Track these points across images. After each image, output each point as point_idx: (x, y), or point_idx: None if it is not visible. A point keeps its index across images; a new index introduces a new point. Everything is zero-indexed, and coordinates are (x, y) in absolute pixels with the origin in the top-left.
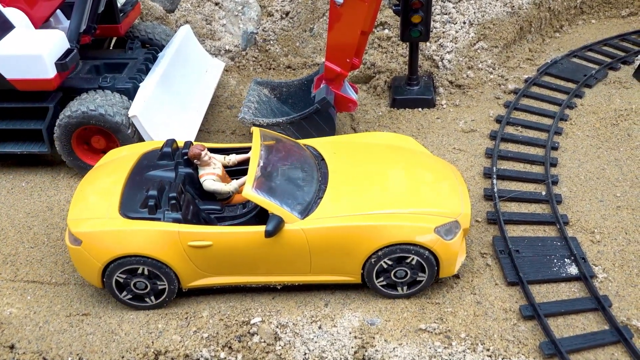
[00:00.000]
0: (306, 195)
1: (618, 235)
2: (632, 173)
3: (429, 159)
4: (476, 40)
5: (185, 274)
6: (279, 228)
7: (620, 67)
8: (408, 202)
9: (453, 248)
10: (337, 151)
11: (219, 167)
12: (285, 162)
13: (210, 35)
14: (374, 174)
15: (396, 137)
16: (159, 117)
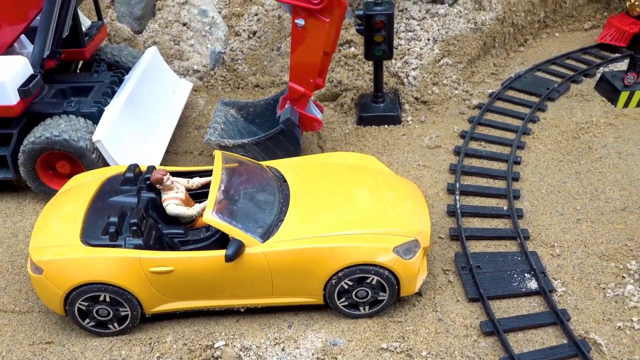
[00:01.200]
0: (267, 218)
1: (577, 249)
2: (592, 186)
3: (390, 177)
4: (441, 57)
5: (147, 300)
6: (239, 252)
7: (583, 79)
8: (367, 223)
9: (413, 267)
10: (300, 172)
11: (182, 191)
12: (247, 185)
13: (178, 56)
14: (335, 194)
15: (358, 157)
16: (123, 141)
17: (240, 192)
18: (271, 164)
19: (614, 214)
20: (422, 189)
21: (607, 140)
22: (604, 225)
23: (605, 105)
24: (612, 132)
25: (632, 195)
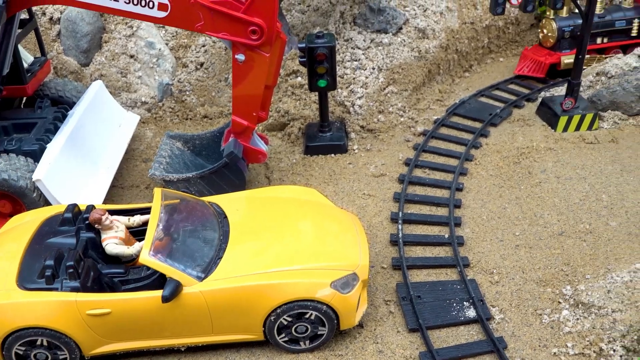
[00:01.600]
0: (206, 256)
1: (515, 275)
2: (531, 211)
3: (330, 210)
4: (386, 85)
5: (86, 343)
6: (176, 293)
7: (525, 104)
8: (306, 258)
9: (351, 300)
10: (240, 208)
11: (122, 229)
12: (187, 222)
13: (126, 88)
14: (274, 230)
15: (299, 190)
16: (65, 179)
17: (179, 230)
18: (213, 200)
19: (552, 239)
20: (367, 218)
21: (546, 165)
22: (541, 251)
23: (545, 129)
24: (551, 157)
25: (569, 220)
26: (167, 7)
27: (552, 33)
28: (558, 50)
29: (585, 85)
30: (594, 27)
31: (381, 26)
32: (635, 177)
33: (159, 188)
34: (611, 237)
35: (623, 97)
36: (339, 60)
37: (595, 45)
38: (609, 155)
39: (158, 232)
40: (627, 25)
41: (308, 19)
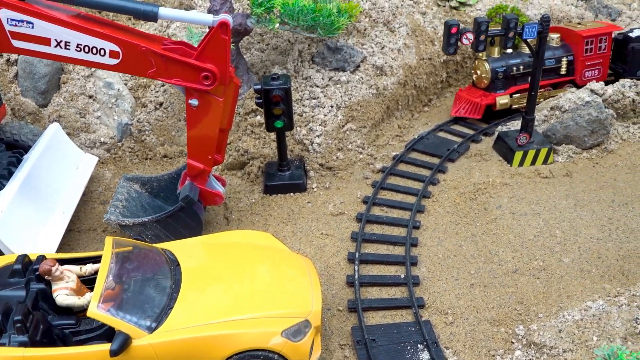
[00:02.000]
0: (157, 306)
1: (470, 315)
2: (487, 248)
3: (284, 255)
4: (345, 122)
5: None
6: (124, 346)
7: (482, 139)
8: (257, 306)
9: (303, 348)
10: (193, 254)
11: (73, 279)
12: (138, 271)
13: (84, 128)
14: (226, 277)
15: (253, 235)
16: (18, 228)
17: (130, 280)
18: (166, 247)
19: (506, 276)
20: (324, 259)
21: (502, 201)
22: (495, 289)
23: (502, 164)
24: (507, 192)
25: (523, 257)
26: (118, 54)
27: (486, 74)
28: (492, 90)
29: (540, 120)
30: (525, 66)
31: (339, 64)
32: (587, 211)
33: (110, 237)
34: (564, 274)
35: (576, 132)
36: (298, 98)
37: (528, 84)
38: (563, 189)
39: (107, 283)
40: (556, 64)
41: (267, 57)
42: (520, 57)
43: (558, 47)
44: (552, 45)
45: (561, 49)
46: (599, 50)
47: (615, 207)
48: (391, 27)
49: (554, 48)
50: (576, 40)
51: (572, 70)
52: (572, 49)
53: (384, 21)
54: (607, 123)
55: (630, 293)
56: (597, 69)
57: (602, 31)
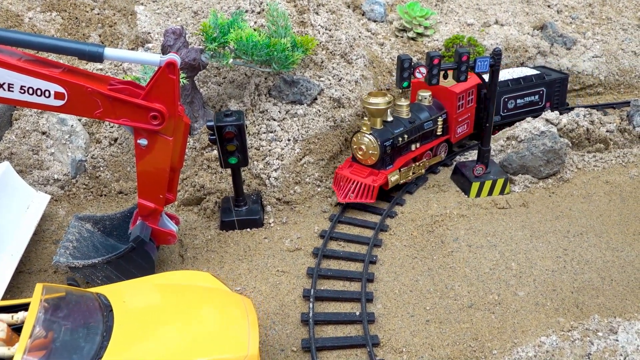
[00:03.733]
0: (85, 356)
1: (424, 353)
2: (443, 283)
3: (221, 297)
4: (302, 156)
5: None
6: None
7: (440, 169)
8: (191, 353)
9: None
10: (127, 299)
11: (3, 329)
12: (68, 320)
13: (37, 165)
14: (159, 322)
15: (191, 275)
16: None
17: (60, 329)
18: (101, 291)
19: (461, 312)
20: (279, 297)
21: (459, 233)
22: (451, 325)
23: (459, 195)
24: (464, 224)
25: (479, 291)
26: (64, 95)
27: (374, 150)
28: (382, 167)
29: (497, 150)
30: (408, 134)
31: (296, 97)
32: (543, 242)
33: (40, 284)
34: (519, 307)
35: (532, 162)
36: (255, 132)
37: (412, 152)
38: (520, 220)
39: (35, 332)
40: (433, 125)
41: (224, 90)
42: (402, 125)
43: (431, 107)
44: (425, 105)
45: (435, 107)
46: (468, 104)
47: (571, 238)
48: (348, 59)
49: (428, 108)
50: (449, 97)
51: (446, 129)
52: (444, 106)
53: (341, 53)
54: (562, 152)
55: (583, 327)
56: (466, 122)
57: (471, 84)
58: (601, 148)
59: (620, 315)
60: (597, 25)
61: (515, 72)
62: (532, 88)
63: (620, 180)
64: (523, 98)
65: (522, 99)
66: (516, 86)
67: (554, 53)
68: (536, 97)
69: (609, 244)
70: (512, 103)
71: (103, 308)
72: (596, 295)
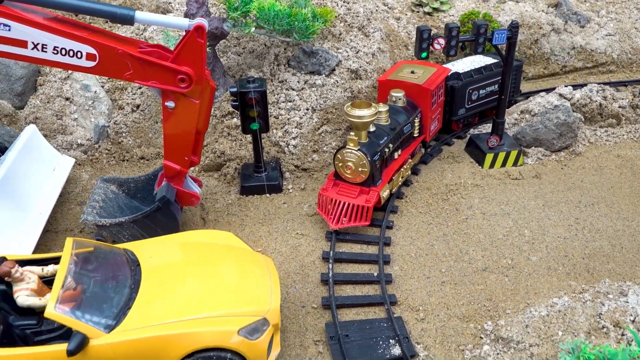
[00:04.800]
0: (115, 306)
1: (440, 312)
2: (457, 247)
3: (244, 255)
4: (320, 125)
5: None
6: (81, 346)
7: (454, 142)
8: (214, 305)
9: (261, 346)
10: (154, 254)
11: (34, 280)
12: (97, 272)
13: (61, 130)
14: (185, 277)
15: (215, 234)
16: None
17: (89, 281)
18: (128, 247)
19: (476, 274)
20: (299, 258)
21: (473, 202)
22: (465, 287)
23: (473, 166)
24: (477, 193)
25: (493, 255)
26: (95, 57)
27: (365, 167)
28: (372, 184)
29: (511, 123)
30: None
31: (314, 68)
32: (555, 212)
33: (70, 238)
34: (531, 271)
35: (545, 134)
36: (274, 101)
37: (395, 161)
38: (532, 190)
39: (66, 283)
40: (411, 128)
41: (243, 60)
42: (385, 134)
43: (407, 107)
44: (399, 106)
45: (410, 108)
46: (439, 98)
47: (582, 208)
48: (366, 31)
49: (404, 109)
50: (423, 95)
51: (422, 129)
52: (418, 104)
53: (358, 26)
54: (575, 126)
55: (594, 290)
56: (437, 118)
57: (441, 78)
58: (613, 123)
59: (630, 280)
60: (611, 4)
61: (474, 61)
62: (493, 77)
63: (631, 155)
64: (485, 88)
65: (484, 89)
66: (479, 76)
67: (568, 30)
68: (496, 86)
69: (620, 214)
70: (475, 94)
71: (131, 263)
72: (607, 261)
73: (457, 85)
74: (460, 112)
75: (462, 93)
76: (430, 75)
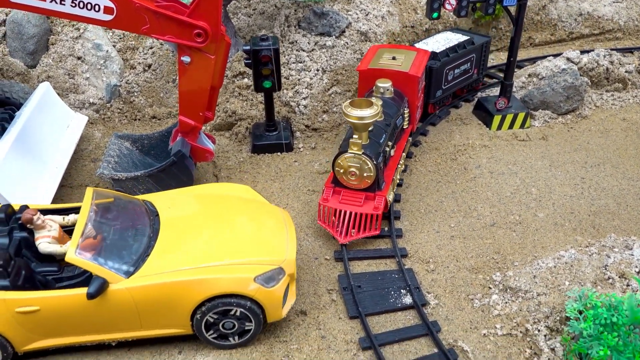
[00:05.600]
0: (134, 253)
1: (450, 264)
2: (466, 204)
3: (260, 207)
4: (330, 86)
5: (17, 339)
6: (101, 290)
7: (462, 105)
8: (231, 253)
9: (276, 294)
10: (173, 205)
11: (55, 228)
12: (117, 221)
13: (73, 89)
14: (203, 226)
15: (232, 187)
16: (13, 179)
17: (109, 229)
18: (147, 198)
19: (484, 229)
20: (311, 213)
21: (481, 161)
22: (474, 241)
23: (481, 128)
24: (485, 153)
25: (501, 212)
26: (112, 10)
27: (370, 172)
28: (377, 189)
29: (518, 86)
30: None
31: (324, 29)
32: (562, 171)
33: (90, 187)
34: (539, 227)
35: (552, 97)
36: (284, 62)
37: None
38: (539, 151)
39: (86, 230)
40: (402, 120)
41: (254, 22)
42: (383, 131)
43: (395, 98)
44: (388, 97)
45: (398, 98)
46: (423, 84)
47: (588, 168)
48: None
49: (392, 100)
50: (410, 83)
51: (409, 119)
52: (405, 93)
53: None
54: (582, 89)
55: (600, 244)
56: (421, 105)
57: (425, 63)
58: (619, 87)
59: (635, 235)
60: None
61: (447, 40)
62: (467, 55)
63: (637, 118)
64: (459, 67)
65: (459, 68)
66: (454, 55)
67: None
68: (468, 64)
69: (625, 174)
70: (451, 74)
71: (149, 213)
72: (612, 218)
73: (436, 66)
74: (437, 94)
75: (439, 74)
76: (413, 61)
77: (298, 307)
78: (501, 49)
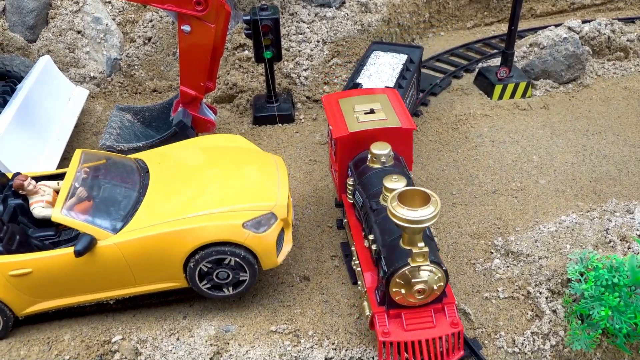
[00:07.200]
0: (122, 209)
1: (452, 230)
2: (468, 172)
3: (251, 154)
4: (330, 57)
5: (15, 303)
6: (89, 247)
7: (463, 75)
8: (220, 202)
9: (268, 239)
10: (162, 160)
11: (49, 193)
12: (106, 179)
13: (74, 63)
14: (193, 178)
15: (224, 138)
16: (16, 150)
17: (99, 188)
18: (138, 156)
19: (486, 196)
20: (313, 182)
21: (482, 130)
22: (476, 207)
23: (482, 98)
24: (487, 123)
25: (502, 179)
26: None
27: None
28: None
29: (520, 56)
30: None
31: (324, 1)
32: (563, 140)
33: (79, 149)
34: (540, 193)
35: (554, 67)
36: (285, 33)
37: None
38: (541, 120)
39: (74, 190)
40: None
41: None
42: None
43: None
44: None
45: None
46: None
47: (590, 136)
48: None
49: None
50: (404, 138)
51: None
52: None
53: None
54: (583, 58)
55: (601, 208)
56: None
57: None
58: (621, 56)
59: (636, 200)
60: None
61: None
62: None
63: (638, 87)
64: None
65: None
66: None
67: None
68: (413, 88)
69: (627, 142)
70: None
71: (140, 170)
72: (613, 184)
73: None
74: None
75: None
76: (392, 107)
77: (301, 272)
78: (502, 20)
